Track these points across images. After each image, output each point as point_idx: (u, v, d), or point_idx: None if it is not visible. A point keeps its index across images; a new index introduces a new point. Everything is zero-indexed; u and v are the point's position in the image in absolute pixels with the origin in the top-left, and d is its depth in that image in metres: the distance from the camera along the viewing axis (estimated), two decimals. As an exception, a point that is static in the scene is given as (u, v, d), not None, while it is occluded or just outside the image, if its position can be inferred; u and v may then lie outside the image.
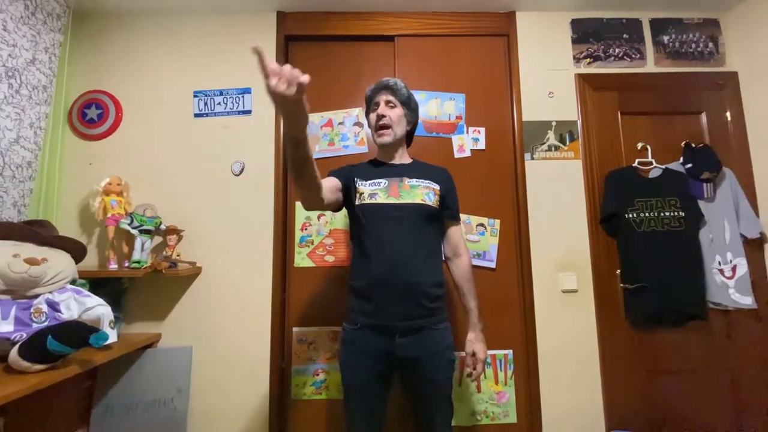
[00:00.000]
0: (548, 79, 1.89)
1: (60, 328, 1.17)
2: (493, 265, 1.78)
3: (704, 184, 1.76)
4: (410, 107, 1.38)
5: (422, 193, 1.28)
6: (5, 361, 1.14)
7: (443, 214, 1.34)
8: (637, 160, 1.81)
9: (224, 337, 1.70)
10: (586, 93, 1.88)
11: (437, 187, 1.33)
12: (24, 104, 1.56)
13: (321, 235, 1.80)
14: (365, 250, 1.23)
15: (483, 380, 1.73)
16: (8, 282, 1.23)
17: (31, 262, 1.23)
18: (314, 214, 1.81)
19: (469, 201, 1.82)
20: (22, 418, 1.29)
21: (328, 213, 1.81)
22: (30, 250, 1.30)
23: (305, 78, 0.79)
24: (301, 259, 1.78)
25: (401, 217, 1.23)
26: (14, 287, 1.24)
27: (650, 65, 1.92)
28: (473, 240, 1.79)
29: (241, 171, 1.80)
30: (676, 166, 1.81)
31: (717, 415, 1.69)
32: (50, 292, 1.29)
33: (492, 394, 1.73)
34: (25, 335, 1.20)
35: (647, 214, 1.75)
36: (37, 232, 1.35)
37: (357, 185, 1.31)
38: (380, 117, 1.32)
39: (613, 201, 1.77)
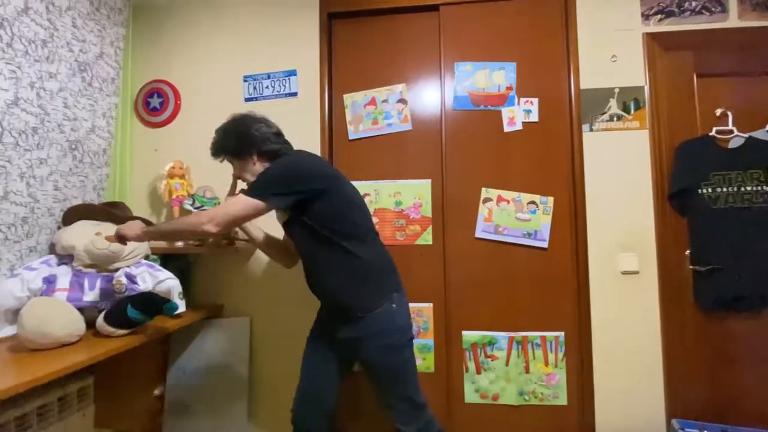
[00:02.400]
0: (611, 41, 1.71)
1: (138, 298, 1.31)
2: (545, 244, 1.71)
3: (798, 154, 1.54)
4: (235, 156, 1.36)
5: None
6: (93, 327, 1.29)
7: (302, 212, 1.27)
8: (714, 129, 1.61)
9: (279, 309, 1.80)
10: (656, 54, 1.69)
11: None
12: (96, 96, 1.70)
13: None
14: None
15: (532, 361, 1.70)
16: (93, 257, 1.38)
17: (111, 239, 1.37)
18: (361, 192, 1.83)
19: (519, 178, 1.74)
20: (108, 376, 1.48)
21: (372, 193, 1.82)
22: (110, 229, 1.44)
23: None
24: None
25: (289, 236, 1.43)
26: (98, 262, 1.40)
27: (733, 19, 1.67)
28: (524, 219, 1.72)
29: (290, 152, 1.85)
30: (762, 134, 1.59)
31: (799, 410, 1.54)
32: (128, 266, 1.44)
33: (541, 375, 1.69)
34: (109, 304, 1.35)
35: (725, 189, 1.57)
36: (114, 212, 1.51)
37: None
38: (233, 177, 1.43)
39: (685, 175, 1.60)
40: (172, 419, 1.69)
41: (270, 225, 1.53)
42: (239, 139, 1.33)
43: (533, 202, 1.72)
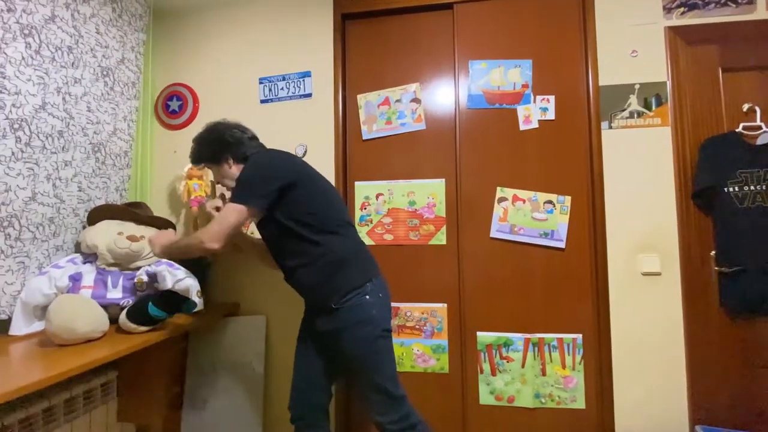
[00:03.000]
0: (631, 35, 1.67)
1: (158, 296, 1.34)
2: (562, 245, 1.67)
3: (833, 150, 1.47)
4: (212, 163, 1.42)
5: None
6: (116, 323, 1.34)
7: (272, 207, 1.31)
8: (741, 125, 1.55)
9: (294, 308, 1.81)
10: (679, 49, 1.63)
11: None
12: (117, 99, 1.76)
13: (379, 214, 1.83)
14: None
15: (549, 363, 1.67)
16: (115, 256, 1.43)
17: (132, 239, 1.42)
18: (373, 192, 1.83)
19: (535, 177, 1.71)
20: (130, 371, 1.53)
21: (386, 192, 1.82)
22: (131, 228, 1.49)
23: None
24: (361, 237, 1.83)
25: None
26: (120, 260, 1.44)
27: (761, 10, 1.60)
28: (540, 218, 1.69)
29: (305, 153, 1.87)
30: (795, 129, 1.52)
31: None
32: (149, 265, 1.48)
33: (558, 378, 1.66)
34: (130, 301, 1.40)
35: (753, 188, 1.51)
36: (136, 212, 1.55)
37: None
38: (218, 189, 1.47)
39: (710, 173, 1.55)
40: (190, 414, 1.73)
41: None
42: (213, 146, 1.40)
43: (550, 202, 1.69)
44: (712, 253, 1.56)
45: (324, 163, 1.84)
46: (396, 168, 1.83)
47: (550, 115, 1.72)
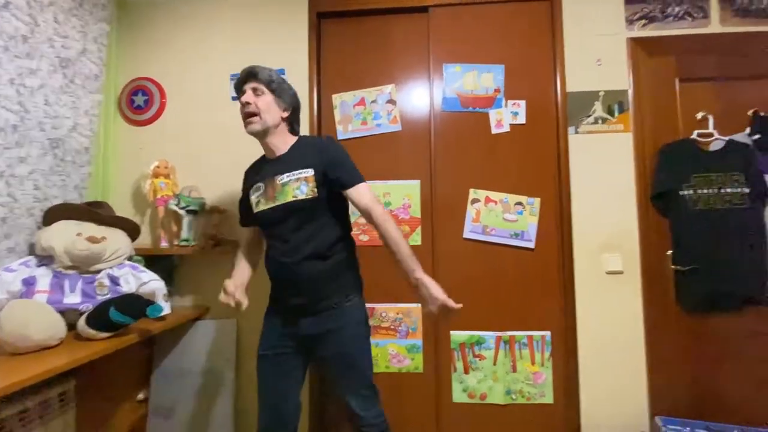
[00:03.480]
0: (596, 45, 1.74)
1: (121, 300, 1.28)
2: (531, 245, 1.73)
3: (774, 157, 1.59)
4: (281, 93, 1.32)
5: (293, 188, 1.25)
6: (74, 330, 1.26)
7: (330, 193, 1.28)
8: (695, 132, 1.66)
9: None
10: (639, 59, 1.72)
11: (309, 173, 1.25)
12: (78, 93, 1.67)
13: (355, 215, 1.81)
14: (267, 252, 1.36)
15: (519, 360, 1.71)
16: (73, 258, 1.35)
17: (92, 240, 1.35)
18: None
19: (506, 179, 1.76)
20: (90, 380, 1.45)
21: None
22: (91, 229, 1.41)
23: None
24: (337, 238, 1.81)
25: (281, 219, 1.26)
26: (79, 263, 1.37)
27: (715, 25, 1.72)
28: (511, 219, 1.74)
29: (278, 152, 1.83)
30: (742, 137, 1.64)
31: (775, 406, 1.58)
32: (110, 268, 1.41)
33: (528, 374, 1.71)
34: (90, 306, 1.32)
35: (706, 191, 1.61)
36: (97, 212, 1.47)
37: (250, 197, 1.35)
38: (245, 104, 1.28)
39: (667, 177, 1.64)
40: (155, 424, 1.66)
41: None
42: (286, 87, 1.35)
43: (520, 203, 1.74)
44: (669, 252, 1.66)
45: (298, 162, 1.81)
46: (372, 169, 1.82)
47: (521, 119, 1.77)
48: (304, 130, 1.82)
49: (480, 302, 1.74)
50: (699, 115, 1.68)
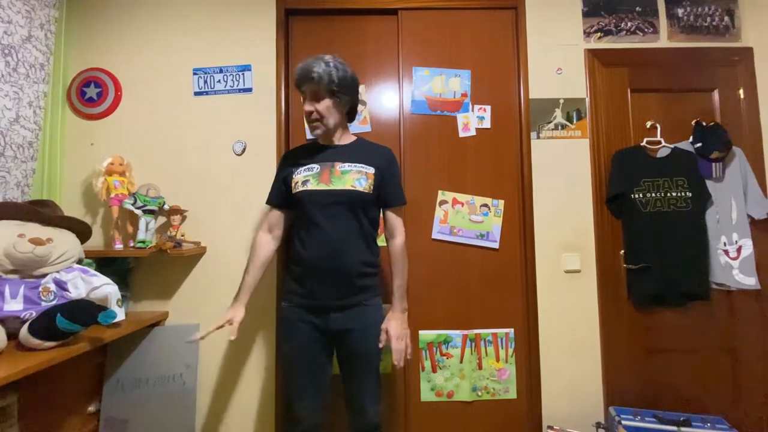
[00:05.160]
0: (557, 54, 1.83)
1: (68, 307, 1.19)
2: (496, 245, 1.78)
3: (713, 164, 1.73)
4: (339, 93, 1.30)
5: (353, 178, 1.29)
6: (16, 339, 1.16)
7: (379, 200, 1.35)
8: (645, 140, 1.78)
9: (230, 315, 1.72)
10: (596, 69, 1.83)
11: (371, 171, 1.31)
12: (22, 83, 1.54)
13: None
14: (301, 236, 1.31)
15: (484, 357, 1.76)
16: (15, 262, 1.24)
17: (36, 242, 1.24)
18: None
19: (473, 181, 1.80)
20: (35, 393, 1.33)
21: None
22: (35, 230, 1.30)
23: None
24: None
25: (332, 203, 1.27)
26: (21, 267, 1.25)
27: (663, 40, 1.85)
28: (477, 221, 1.78)
29: (243, 151, 1.78)
30: (686, 145, 1.77)
31: (717, 396, 1.72)
32: (57, 272, 1.30)
33: (493, 371, 1.76)
34: (34, 313, 1.22)
35: (654, 195, 1.73)
36: (41, 212, 1.36)
37: (293, 176, 1.34)
38: (309, 113, 1.31)
39: (620, 181, 1.75)
40: (109, 436, 1.56)
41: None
42: (347, 84, 1.32)
43: (485, 205, 1.79)
44: (622, 252, 1.76)
45: (265, 160, 1.77)
46: (340, 169, 1.82)
47: (487, 123, 1.82)
48: (270, 129, 1.79)
49: (447, 302, 1.77)
50: (648, 124, 1.80)
